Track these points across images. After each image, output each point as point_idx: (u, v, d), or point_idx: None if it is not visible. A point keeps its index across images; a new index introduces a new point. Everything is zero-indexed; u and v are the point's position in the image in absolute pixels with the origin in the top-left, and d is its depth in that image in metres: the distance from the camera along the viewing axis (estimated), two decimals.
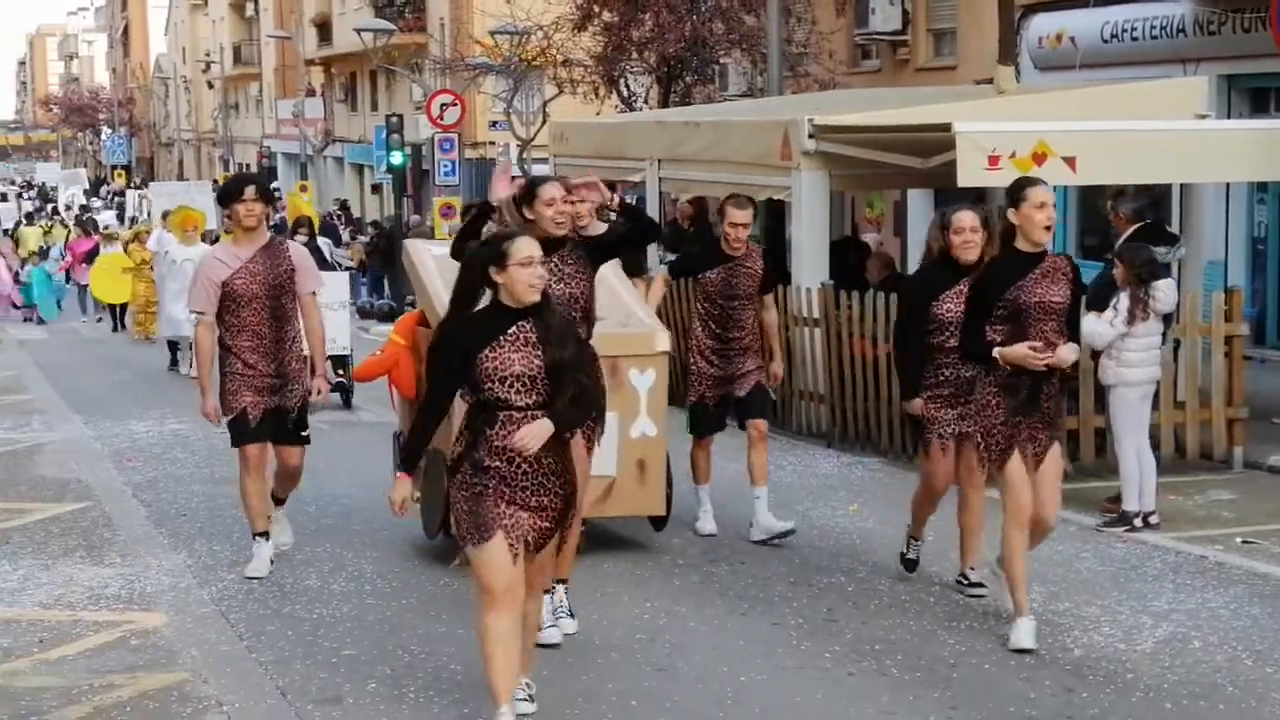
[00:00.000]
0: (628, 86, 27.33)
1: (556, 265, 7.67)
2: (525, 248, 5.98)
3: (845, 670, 7.29)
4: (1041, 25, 20.63)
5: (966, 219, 8.23)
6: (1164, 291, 10.00)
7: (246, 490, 9.02)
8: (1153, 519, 9.94)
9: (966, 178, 11.47)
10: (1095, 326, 9.94)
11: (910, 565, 8.73)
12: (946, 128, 11.59)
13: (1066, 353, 7.49)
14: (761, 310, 9.88)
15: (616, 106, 27.42)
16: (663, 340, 9.24)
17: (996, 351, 7.47)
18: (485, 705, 6.55)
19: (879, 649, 7.57)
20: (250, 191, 8.88)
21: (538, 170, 28.44)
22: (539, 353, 6.00)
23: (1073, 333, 7.66)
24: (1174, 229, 13.30)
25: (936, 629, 7.87)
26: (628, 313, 9.35)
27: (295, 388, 9.01)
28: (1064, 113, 13.30)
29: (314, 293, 9.12)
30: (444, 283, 8.43)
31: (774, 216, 16.47)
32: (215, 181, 43.71)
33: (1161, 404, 11.28)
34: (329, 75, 58.63)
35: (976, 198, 14.72)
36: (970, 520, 8.43)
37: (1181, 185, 13.82)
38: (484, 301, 6.21)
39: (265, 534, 9.10)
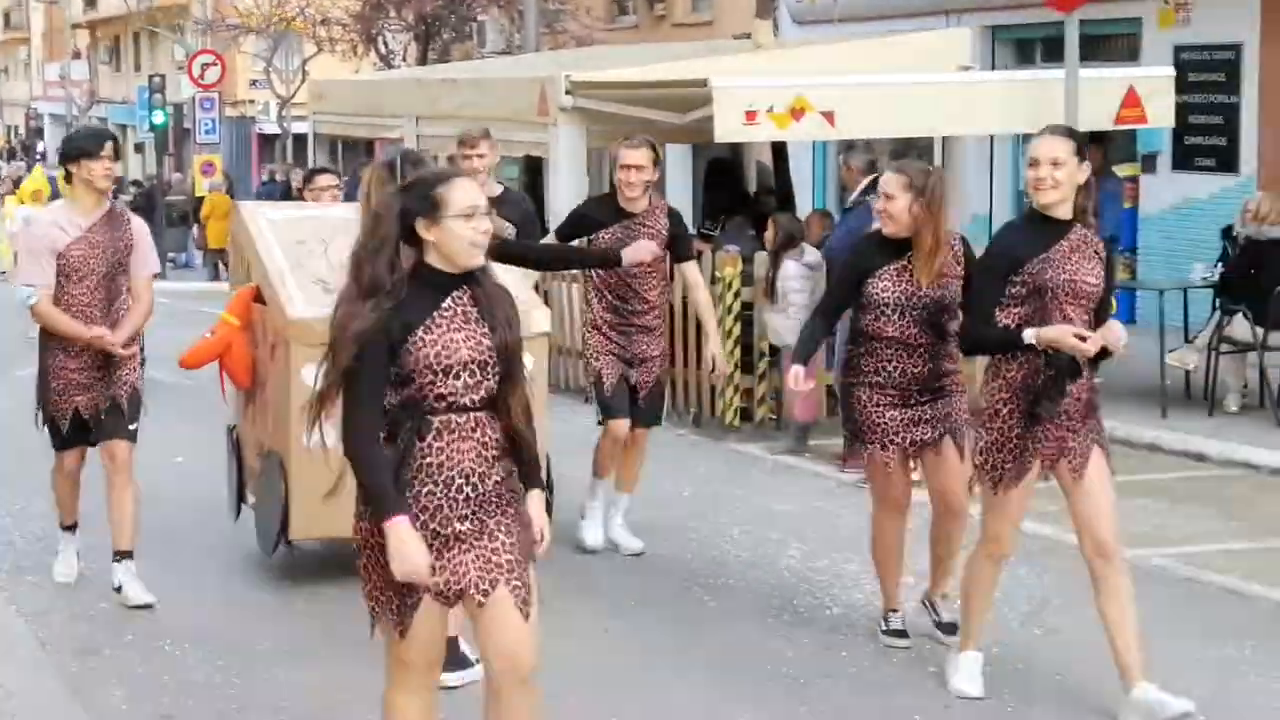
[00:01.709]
0: (386, 44, 26.98)
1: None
2: (467, 194, 4.44)
3: (601, 626, 7.19)
4: None
5: (889, 183, 6.56)
6: None
7: (59, 489, 7.86)
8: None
9: (724, 132, 11.42)
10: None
11: (899, 635, 6.87)
12: (703, 83, 11.50)
13: (1118, 331, 5.96)
14: (687, 287, 8.49)
15: (375, 64, 27.02)
16: (541, 319, 7.73)
17: (1031, 333, 5.77)
18: (240, 656, 6.60)
19: (634, 605, 7.48)
20: (109, 148, 7.66)
21: (298, 129, 27.94)
22: (485, 331, 4.47)
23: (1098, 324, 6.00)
24: None
25: (692, 586, 7.76)
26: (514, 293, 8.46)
27: (125, 374, 7.61)
28: (824, 67, 13.29)
29: (151, 276, 7.79)
30: (283, 251, 7.62)
31: (531, 173, 16.35)
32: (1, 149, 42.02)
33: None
34: (94, 38, 57.94)
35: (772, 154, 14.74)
36: (947, 542, 6.90)
37: (944, 139, 13.93)
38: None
39: (73, 527, 7.94)
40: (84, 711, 6.14)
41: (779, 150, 14.77)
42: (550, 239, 8.77)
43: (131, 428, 7.62)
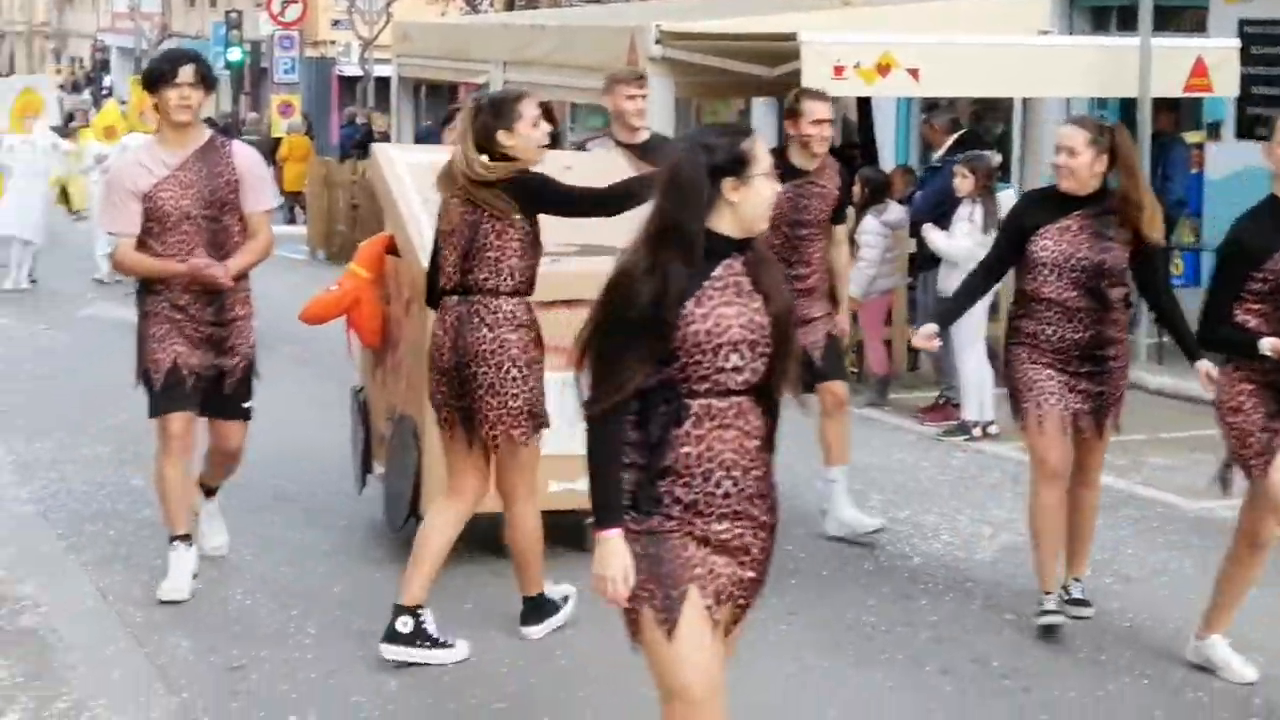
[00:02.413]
0: None
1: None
2: (766, 150, 4.05)
3: None
4: None
5: (1066, 136, 6.32)
6: (1010, 200, 10.09)
7: (165, 477, 6.76)
8: (992, 429, 10.06)
9: (811, 87, 11.45)
10: (955, 241, 10.03)
11: (1049, 631, 6.38)
12: (792, 37, 11.58)
13: None
14: (829, 245, 7.80)
15: (461, 9, 27.05)
16: None
17: (1269, 344, 5.56)
18: (311, 606, 6.51)
19: None
20: (187, 72, 6.60)
21: (380, 72, 28.05)
22: (758, 305, 4.00)
23: None
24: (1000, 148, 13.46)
25: None
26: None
27: (239, 344, 6.77)
28: (908, 26, 13.36)
29: (267, 211, 6.95)
30: (421, 199, 6.89)
31: None
32: (65, 81, 42.30)
33: (1001, 315, 11.43)
34: None
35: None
36: (1081, 521, 6.62)
37: (1023, 101, 14.01)
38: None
39: (187, 537, 6.83)
40: (148, 662, 6.07)
41: (864, 106, 14.82)
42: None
43: (246, 405, 6.87)
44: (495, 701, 5.67)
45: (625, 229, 6.93)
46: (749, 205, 3.99)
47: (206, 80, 6.74)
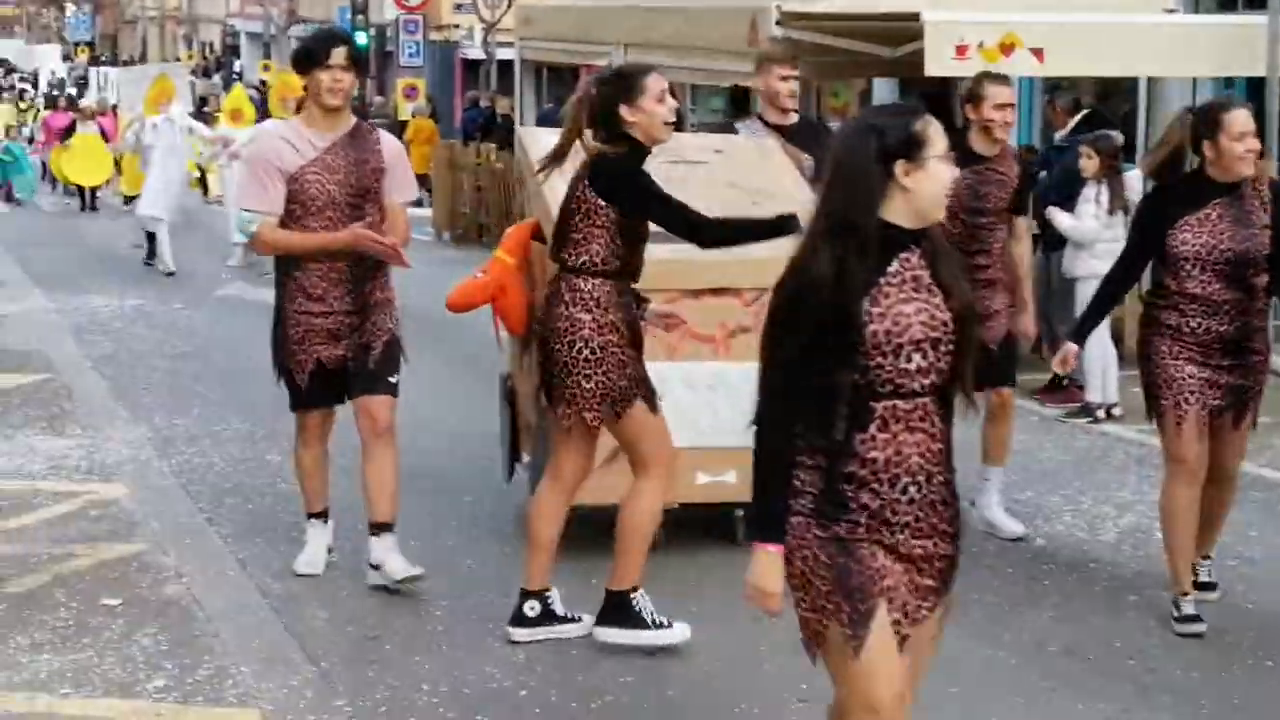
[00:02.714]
0: None
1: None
2: (941, 132, 3.76)
3: None
4: None
5: (1246, 120, 6.05)
6: (1135, 181, 10.04)
7: (301, 462, 6.84)
8: (1115, 410, 10.03)
9: (934, 67, 11.45)
10: (1081, 223, 10.00)
11: (1190, 620, 6.23)
12: (915, 17, 11.55)
13: None
14: (1010, 238, 7.52)
15: None
16: None
17: None
18: (444, 579, 6.65)
19: None
20: (339, 54, 6.41)
21: (503, 55, 28.27)
22: (938, 300, 3.74)
23: None
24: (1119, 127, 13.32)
25: None
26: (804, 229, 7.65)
27: (382, 321, 6.61)
28: (1033, 4, 13.24)
29: (408, 203, 6.82)
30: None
31: (738, 105, 16.38)
32: (187, 62, 43.04)
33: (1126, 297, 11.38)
34: None
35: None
36: (1216, 512, 6.47)
37: (1149, 79, 13.85)
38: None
39: (323, 514, 6.93)
40: (287, 632, 6.21)
41: None
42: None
43: (392, 380, 6.63)
44: (624, 675, 5.78)
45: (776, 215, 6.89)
46: (924, 191, 3.70)
47: (358, 63, 6.59)
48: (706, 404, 6.72)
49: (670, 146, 6.18)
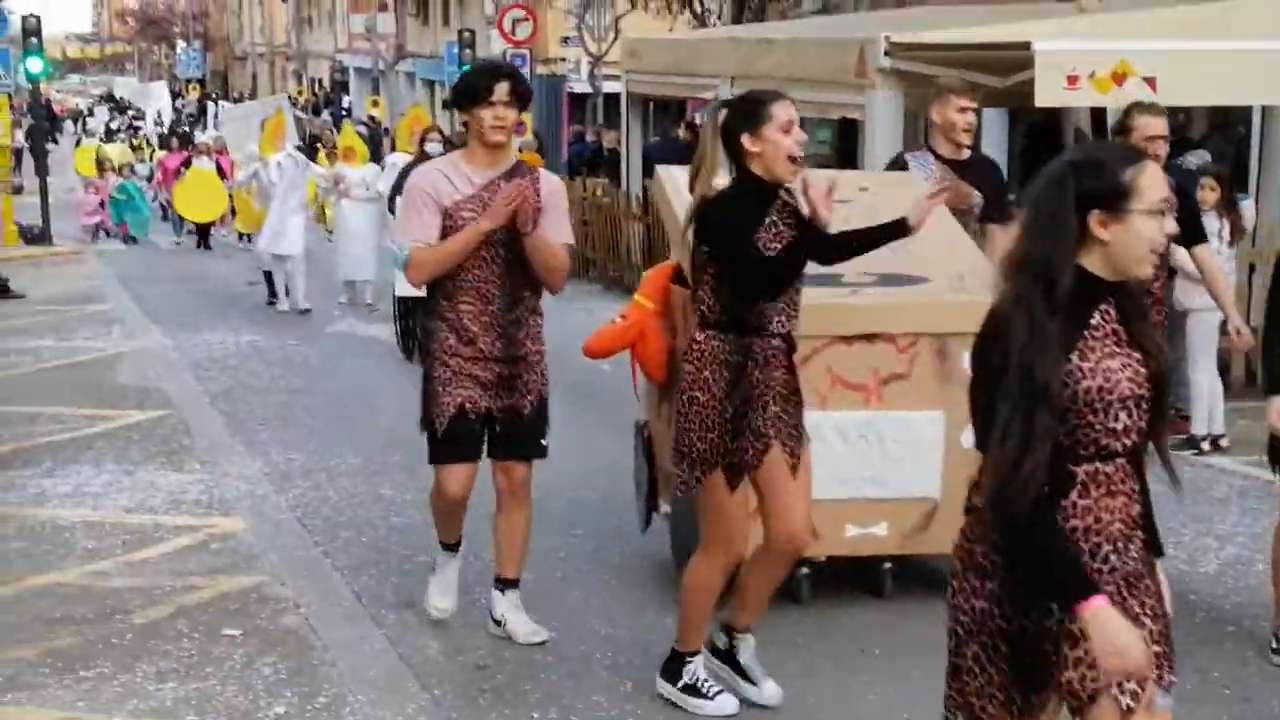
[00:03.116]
0: (701, 2, 27.18)
1: (776, 221, 5.38)
2: (1158, 183, 3.41)
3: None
4: None
5: None
6: (1249, 211, 9.94)
7: (437, 506, 6.55)
8: (1222, 442, 9.92)
9: (1045, 97, 11.38)
10: (1217, 261, 9.84)
11: None
12: (1025, 46, 11.49)
13: None
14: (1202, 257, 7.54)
15: (689, 23, 27.28)
16: None
17: None
18: (553, 611, 6.70)
19: None
20: (503, 89, 6.06)
21: (609, 88, 28.46)
22: (1138, 356, 3.49)
23: None
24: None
25: None
26: (962, 271, 6.73)
27: (532, 380, 6.27)
28: (1146, 32, 13.12)
29: (566, 245, 6.29)
30: None
31: (847, 138, 16.41)
32: (291, 98, 43.59)
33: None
34: None
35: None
36: None
37: (1263, 109, 13.69)
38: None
39: (456, 545, 6.69)
40: (401, 662, 6.29)
41: (1098, 116, 14.63)
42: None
43: (543, 442, 6.38)
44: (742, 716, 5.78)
45: (930, 256, 6.69)
46: (1122, 246, 3.39)
47: (522, 97, 6.16)
48: (857, 454, 6.46)
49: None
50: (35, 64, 26.78)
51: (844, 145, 16.62)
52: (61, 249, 25.40)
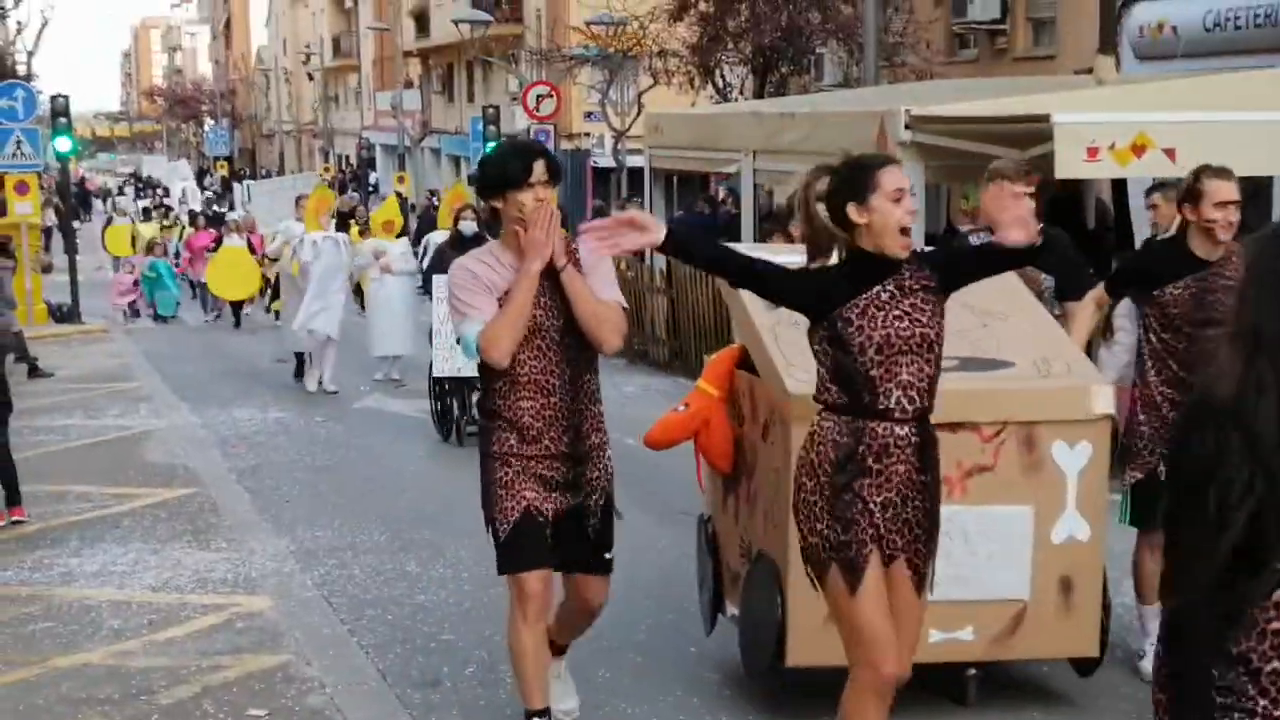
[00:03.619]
0: (723, 77, 27.37)
1: (895, 294, 4.88)
2: None
3: None
4: (1142, 14, 20.47)
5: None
6: None
7: (520, 644, 5.69)
8: None
9: (1065, 169, 11.43)
10: None
11: None
12: (1045, 118, 11.55)
13: None
14: None
15: (711, 97, 27.47)
16: (1104, 398, 6.12)
17: None
18: (581, 689, 6.67)
19: None
20: (540, 169, 5.57)
21: (632, 163, 28.62)
22: None
23: None
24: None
25: None
26: (1046, 355, 6.33)
27: (597, 477, 5.75)
28: (1165, 103, 13.18)
29: (618, 302, 5.73)
30: (778, 309, 5.62)
31: None
32: (322, 176, 43.86)
33: None
34: (426, 67, 59.23)
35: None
36: None
37: None
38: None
39: (546, 712, 5.80)
40: None
41: (1120, 186, 14.70)
42: (1095, 290, 7.07)
43: (609, 556, 5.85)
44: None
45: (1013, 339, 6.25)
46: None
47: (555, 174, 5.70)
48: (941, 553, 5.77)
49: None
50: (64, 143, 27.10)
51: None
52: (90, 327, 25.58)
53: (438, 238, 16.61)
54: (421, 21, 57.35)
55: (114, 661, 7.42)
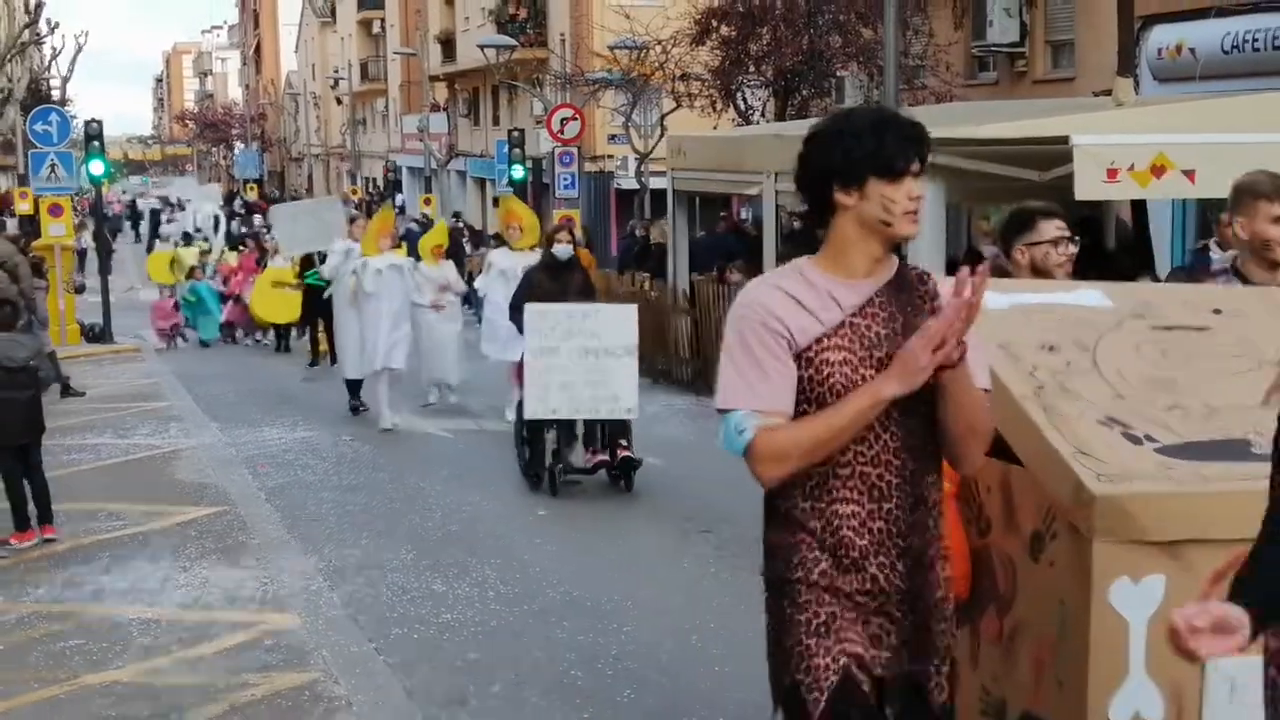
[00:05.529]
0: (745, 100, 27.49)
1: None
2: None
3: None
4: (1161, 36, 20.54)
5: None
6: None
7: None
8: None
9: (1084, 190, 11.51)
10: None
11: None
12: (1064, 140, 11.63)
13: None
14: None
15: (733, 120, 27.60)
16: None
17: None
18: (604, 711, 6.77)
19: None
20: (923, 157, 3.92)
21: (655, 185, 28.74)
22: None
23: None
24: None
25: None
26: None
27: (940, 627, 3.82)
28: (1183, 125, 13.26)
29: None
30: (1036, 370, 4.48)
31: None
32: (346, 200, 43.95)
33: None
34: (452, 91, 59.52)
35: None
36: None
37: None
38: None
39: None
40: None
41: (1139, 208, 14.75)
42: None
43: None
44: None
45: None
46: None
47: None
48: None
49: (1140, 308, 4.66)
50: (97, 167, 27.32)
51: None
52: (122, 347, 25.79)
53: (504, 260, 15.66)
54: (448, 46, 57.66)
55: (143, 679, 7.53)
